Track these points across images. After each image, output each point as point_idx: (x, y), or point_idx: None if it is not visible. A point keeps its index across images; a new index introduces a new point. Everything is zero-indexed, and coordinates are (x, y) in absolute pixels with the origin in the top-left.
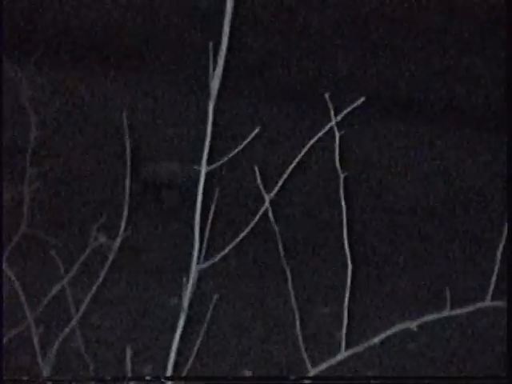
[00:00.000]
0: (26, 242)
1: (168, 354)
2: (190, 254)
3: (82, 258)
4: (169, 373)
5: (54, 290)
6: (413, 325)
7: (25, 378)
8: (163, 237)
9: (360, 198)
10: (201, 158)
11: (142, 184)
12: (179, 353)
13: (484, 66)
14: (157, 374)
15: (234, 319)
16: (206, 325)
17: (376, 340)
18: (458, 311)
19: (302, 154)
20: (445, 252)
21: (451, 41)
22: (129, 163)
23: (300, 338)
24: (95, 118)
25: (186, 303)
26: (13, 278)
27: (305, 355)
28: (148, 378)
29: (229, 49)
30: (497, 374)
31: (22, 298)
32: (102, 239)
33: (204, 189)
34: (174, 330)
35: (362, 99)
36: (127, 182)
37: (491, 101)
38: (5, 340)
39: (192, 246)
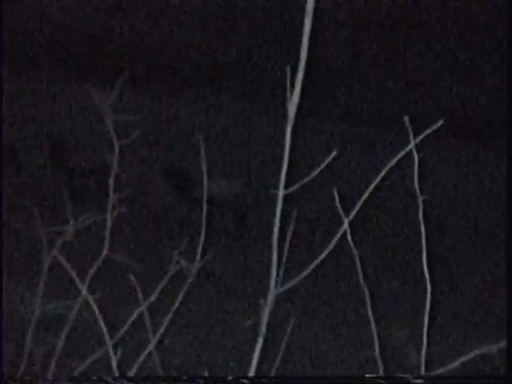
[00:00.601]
0: (107, 267)
1: (245, 377)
2: (268, 276)
3: (164, 282)
4: None
5: (134, 315)
6: (493, 349)
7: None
8: (241, 259)
9: (438, 221)
10: (277, 180)
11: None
12: (257, 376)
13: None
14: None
15: (312, 342)
16: (283, 347)
17: (456, 364)
18: None
19: (381, 176)
20: None
21: None
22: (205, 186)
23: (379, 362)
24: (173, 141)
25: (263, 327)
26: (92, 304)
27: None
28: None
29: (306, 71)
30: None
31: (101, 323)
32: (184, 263)
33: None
34: (250, 354)
35: (441, 122)
36: (204, 206)
37: None
38: (84, 367)
39: (269, 268)
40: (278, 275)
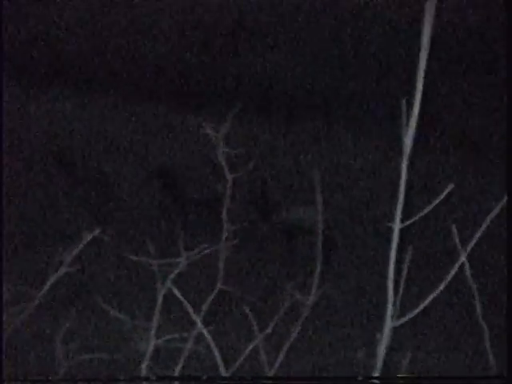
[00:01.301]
0: (222, 299)
1: (375, 378)
2: (384, 309)
3: (279, 314)
4: None
5: (250, 347)
6: None
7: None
8: (356, 292)
9: None
10: (393, 213)
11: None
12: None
13: None
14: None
15: (429, 374)
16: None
17: None
18: None
19: (498, 209)
20: None
21: None
22: (321, 220)
23: None
24: (285, 174)
25: (379, 361)
26: (207, 336)
27: None
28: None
29: (421, 105)
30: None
31: (217, 355)
32: (299, 296)
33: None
34: None
35: None
36: (320, 238)
37: None
38: None
39: (385, 301)
40: (394, 308)
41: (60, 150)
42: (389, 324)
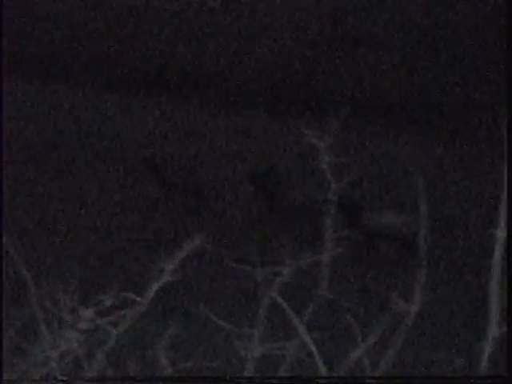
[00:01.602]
0: (325, 308)
1: (475, 377)
2: (486, 319)
3: (382, 323)
4: None
5: (354, 356)
6: None
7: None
8: (458, 300)
9: None
10: (495, 220)
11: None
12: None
13: None
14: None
15: None
16: None
17: None
18: None
19: None
20: None
21: None
22: (424, 238)
23: None
24: (383, 180)
25: (484, 368)
26: (310, 344)
27: None
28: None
29: None
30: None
31: (320, 364)
32: (402, 305)
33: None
34: None
35: None
36: (423, 249)
37: None
38: None
39: (488, 311)
40: (498, 316)
41: (154, 156)
42: (493, 332)
